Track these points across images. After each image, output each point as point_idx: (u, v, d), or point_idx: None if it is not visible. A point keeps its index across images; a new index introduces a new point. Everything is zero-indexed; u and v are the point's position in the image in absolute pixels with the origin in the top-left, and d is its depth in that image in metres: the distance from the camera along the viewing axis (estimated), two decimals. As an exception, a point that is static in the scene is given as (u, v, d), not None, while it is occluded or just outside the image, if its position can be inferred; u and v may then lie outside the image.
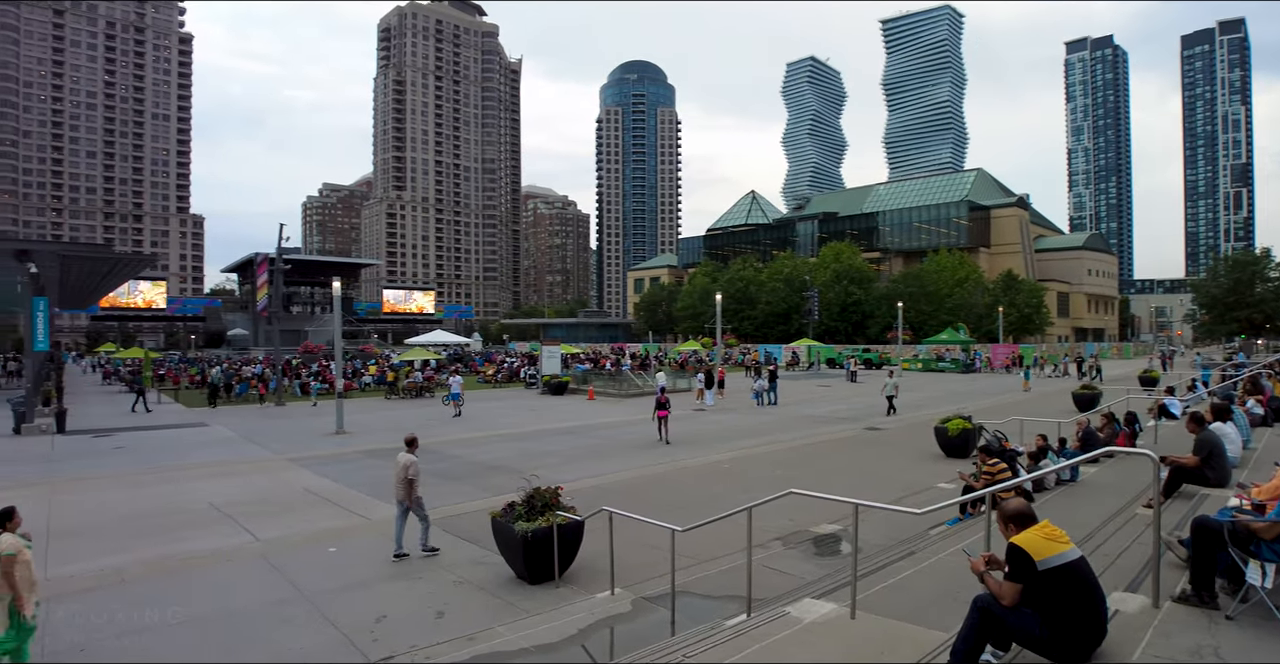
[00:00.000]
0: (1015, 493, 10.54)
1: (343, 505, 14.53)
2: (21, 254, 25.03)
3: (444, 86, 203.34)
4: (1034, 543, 4.30)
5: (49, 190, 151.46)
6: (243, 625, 8.32)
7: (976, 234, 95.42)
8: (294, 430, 26.62)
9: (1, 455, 20.81)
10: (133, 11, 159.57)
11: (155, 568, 10.63)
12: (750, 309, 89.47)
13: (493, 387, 45.46)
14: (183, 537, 12.32)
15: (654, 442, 21.40)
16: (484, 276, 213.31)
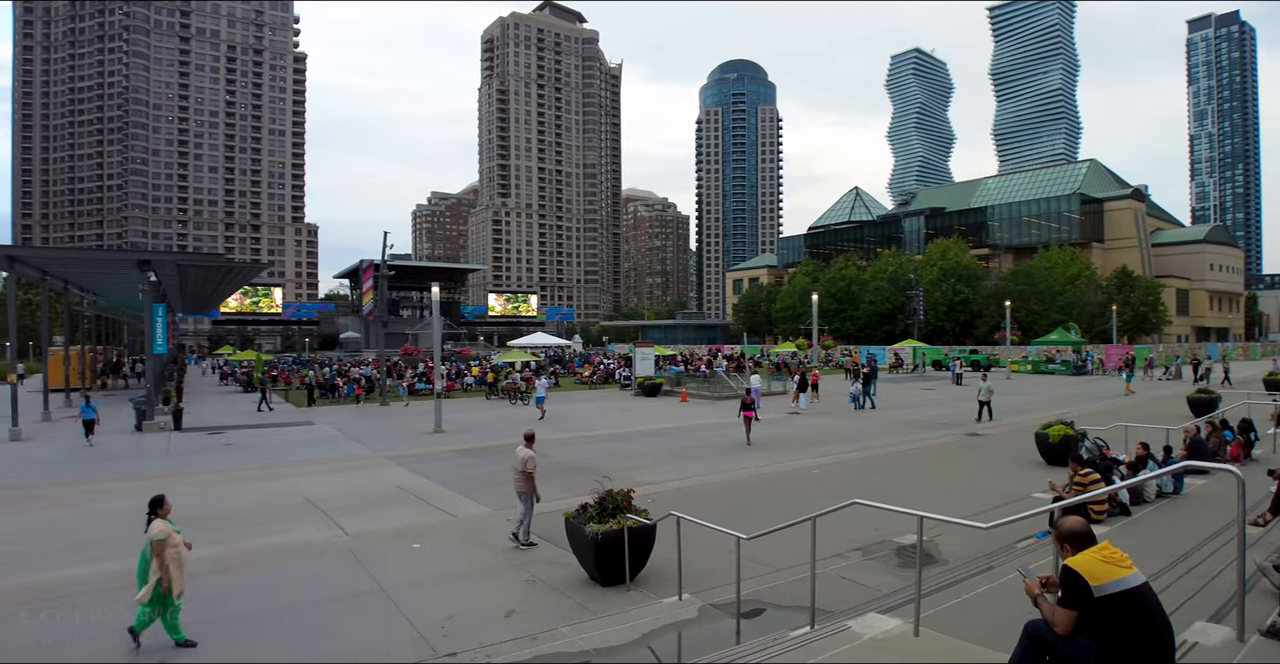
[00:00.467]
0: (1110, 506, 9.95)
1: (431, 502, 14.90)
2: (143, 263, 26.81)
3: (546, 94, 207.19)
4: (1090, 566, 3.94)
5: (175, 204, 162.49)
6: (321, 617, 8.61)
7: (1089, 228, 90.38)
8: (395, 429, 27.50)
9: (123, 451, 22.37)
10: (251, 35, 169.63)
11: (249, 559, 11.18)
12: (853, 309, 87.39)
13: (589, 388, 46.00)
14: (278, 530, 12.93)
15: (743, 444, 21.19)
16: (585, 280, 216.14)
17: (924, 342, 66.94)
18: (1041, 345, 57.56)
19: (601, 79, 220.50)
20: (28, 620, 8.52)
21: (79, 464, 19.73)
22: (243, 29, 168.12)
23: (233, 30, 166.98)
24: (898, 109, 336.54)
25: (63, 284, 33.20)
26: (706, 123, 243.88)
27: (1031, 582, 4.35)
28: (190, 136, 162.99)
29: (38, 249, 64.37)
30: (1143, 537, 9.02)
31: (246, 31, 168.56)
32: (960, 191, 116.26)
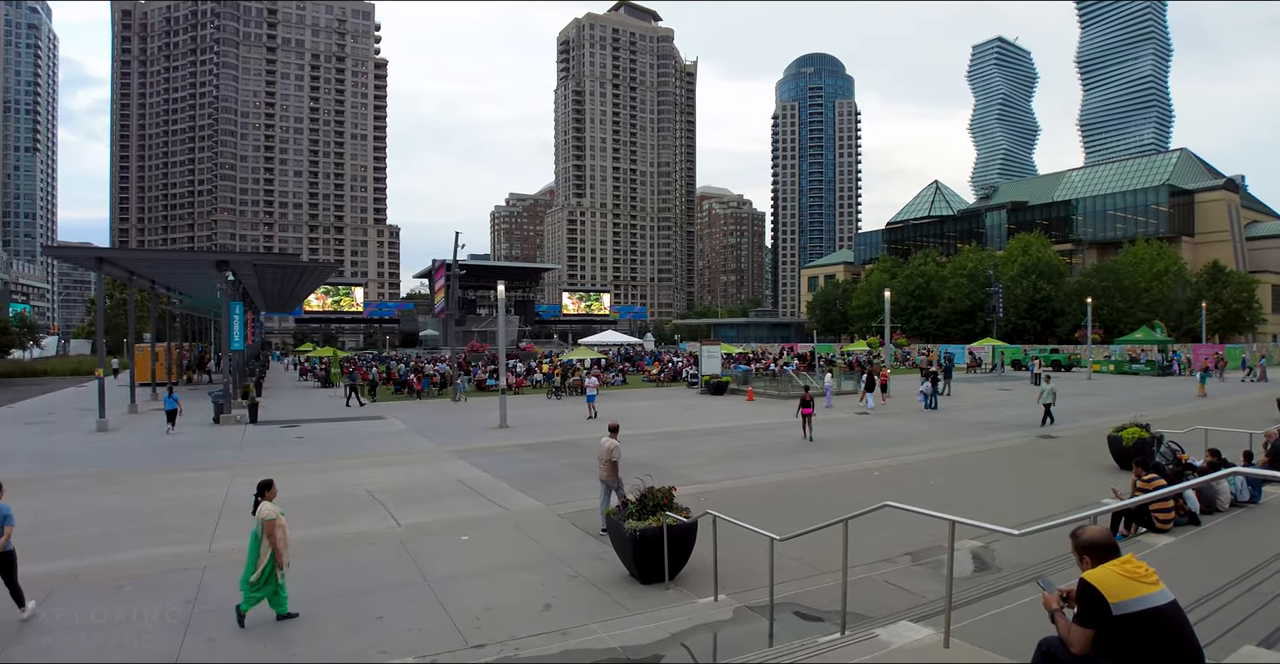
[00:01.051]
0: (1177, 515, 9.34)
1: (487, 496, 15.05)
2: (221, 264, 27.93)
3: (621, 94, 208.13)
4: (1109, 580, 3.58)
5: (262, 207, 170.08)
6: (366, 605, 8.77)
7: (1178, 221, 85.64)
8: (461, 424, 27.94)
9: (200, 442, 23.33)
10: (334, 44, 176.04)
11: (306, 548, 11.35)
12: (931, 307, 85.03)
13: (656, 386, 46.01)
14: (337, 520, 13.28)
15: (803, 445, 20.82)
16: (658, 278, 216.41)
17: (1004, 340, 64.59)
18: (1125, 344, 54.96)
19: (676, 77, 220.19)
20: (109, 596, 9.16)
21: (157, 454, 20.61)
22: (326, 38, 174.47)
23: (316, 39, 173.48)
24: (980, 100, 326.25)
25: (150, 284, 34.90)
26: (783, 118, 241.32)
27: (1051, 595, 4.01)
28: (276, 142, 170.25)
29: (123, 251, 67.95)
30: (1210, 548, 8.45)
31: (330, 40, 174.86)
32: (1043, 185, 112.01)
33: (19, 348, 70.81)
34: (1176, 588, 6.50)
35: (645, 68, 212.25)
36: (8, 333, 61.38)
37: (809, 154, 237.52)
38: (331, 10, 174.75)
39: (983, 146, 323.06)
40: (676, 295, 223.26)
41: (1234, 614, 5.37)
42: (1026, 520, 10.58)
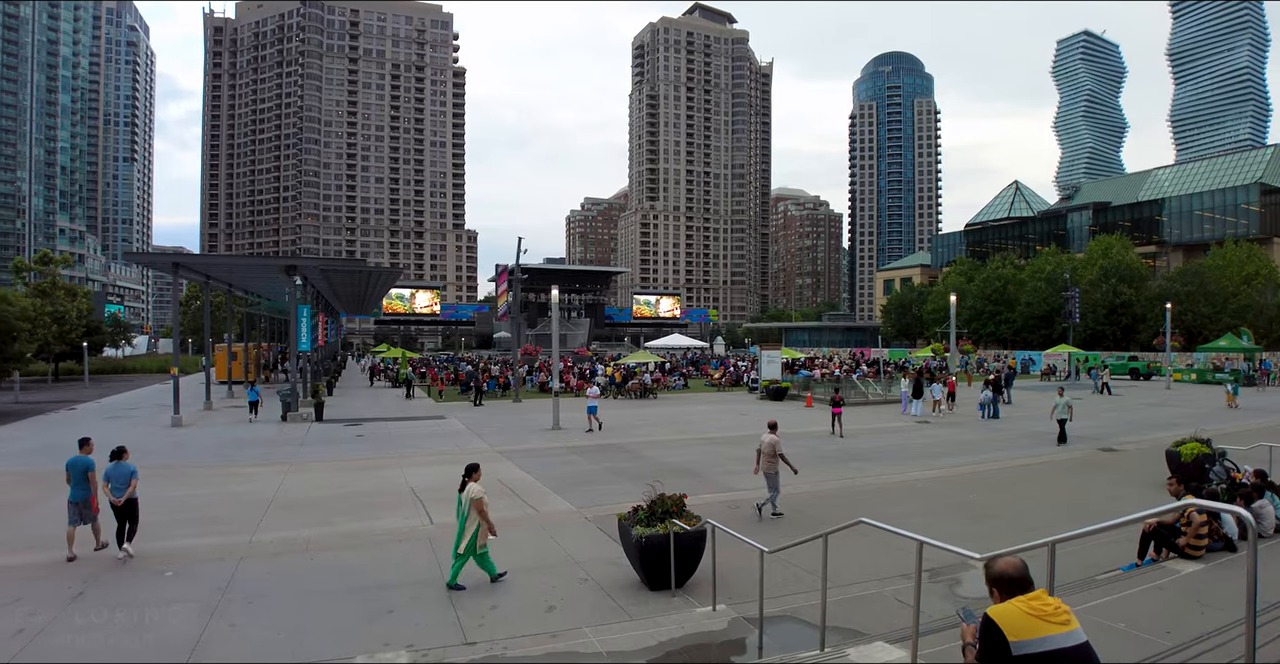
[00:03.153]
0: (1211, 540, 8.83)
1: (522, 497, 15.32)
2: (290, 268, 29.05)
3: (695, 97, 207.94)
4: (1011, 617, 3.36)
5: (344, 213, 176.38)
6: (382, 598, 9.13)
7: (1271, 222, 79.89)
8: (516, 425, 28.37)
9: (266, 439, 24.37)
10: (414, 53, 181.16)
11: (341, 541, 12.02)
12: (1008, 312, 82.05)
13: (717, 390, 45.72)
14: (376, 516, 13.79)
15: (851, 453, 20.48)
16: (731, 281, 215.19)
17: (1081, 347, 61.96)
18: (1208, 352, 52.03)
19: (751, 79, 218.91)
20: (152, 580, 9.88)
21: (222, 450, 21.56)
22: (405, 47, 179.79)
23: (396, 49, 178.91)
24: (1065, 97, 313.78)
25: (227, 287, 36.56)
26: (860, 118, 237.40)
27: (969, 626, 3.86)
28: (358, 150, 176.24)
29: (198, 256, 71.21)
30: (1236, 578, 7.94)
31: (409, 50, 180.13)
32: (1128, 184, 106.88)
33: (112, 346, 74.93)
34: (1183, 619, 6.22)
35: (720, 70, 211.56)
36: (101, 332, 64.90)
37: (887, 154, 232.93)
38: (411, 21, 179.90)
39: (1068, 145, 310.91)
40: (750, 298, 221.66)
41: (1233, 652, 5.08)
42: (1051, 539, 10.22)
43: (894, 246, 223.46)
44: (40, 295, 52.76)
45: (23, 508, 14.45)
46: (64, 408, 33.44)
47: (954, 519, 12.96)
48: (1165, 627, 6.26)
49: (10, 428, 27.13)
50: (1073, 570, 9.18)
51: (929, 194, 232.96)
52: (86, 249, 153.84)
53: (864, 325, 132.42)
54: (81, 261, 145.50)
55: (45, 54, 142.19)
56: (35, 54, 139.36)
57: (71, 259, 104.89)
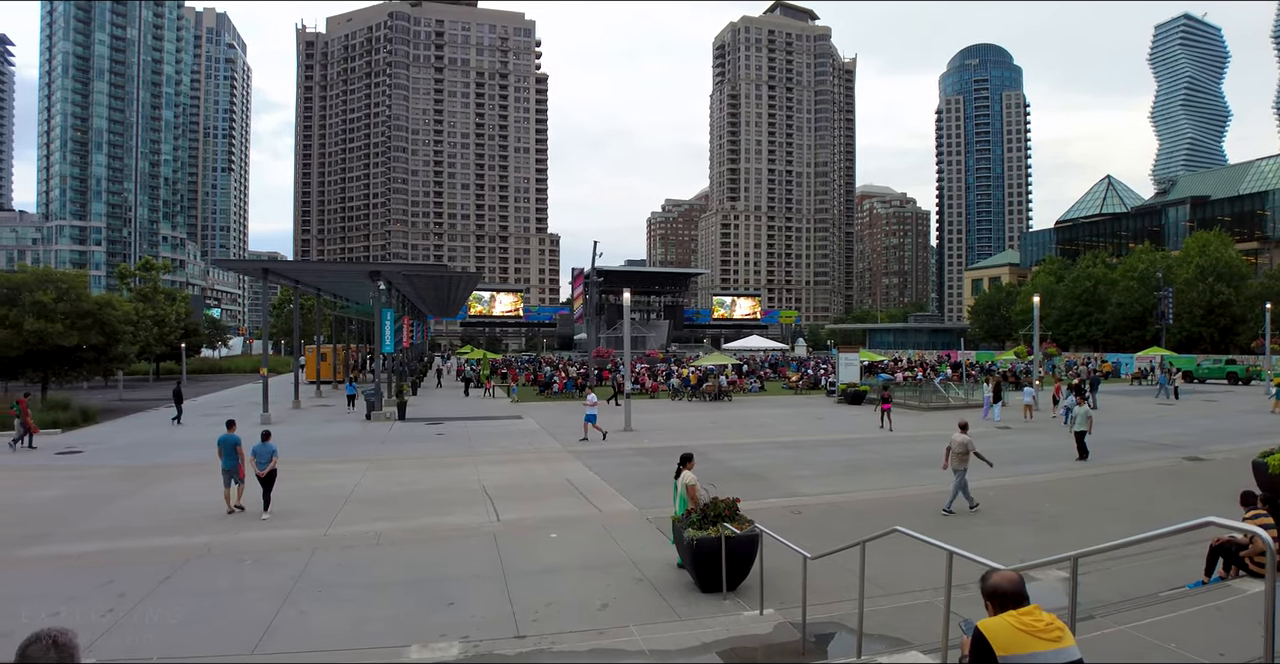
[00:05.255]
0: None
1: (587, 496, 15.64)
2: (374, 273, 30.22)
3: (777, 95, 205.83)
4: (1002, 631, 3.38)
5: (431, 218, 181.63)
6: (443, 591, 9.53)
7: None
8: (588, 427, 28.71)
9: (348, 436, 25.49)
10: (497, 61, 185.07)
11: (410, 535, 12.54)
12: (1099, 312, 78.11)
13: (794, 393, 45.27)
14: (446, 512, 14.33)
15: (925, 460, 20.06)
16: (815, 281, 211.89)
17: (1176, 350, 58.65)
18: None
19: (834, 75, 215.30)
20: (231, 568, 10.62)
21: (307, 447, 22.60)
22: (489, 56, 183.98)
23: (480, 58, 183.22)
24: (1163, 85, 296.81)
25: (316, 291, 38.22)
26: (947, 113, 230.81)
27: (967, 639, 3.90)
28: (444, 157, 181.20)
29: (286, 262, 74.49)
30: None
31: (493, 58, 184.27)
32: (1229, 176, 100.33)
33: (209, 347, 79.05)
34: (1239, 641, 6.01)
35: (802, 68, 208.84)
36: (199, 334, 68.47)
37: (975, 149, 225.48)
38: (494, 29, 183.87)
39: (1165, 135, 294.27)
40: (834, 299, 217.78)
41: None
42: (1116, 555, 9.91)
43: (983, 245, 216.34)
44: (142, 300, 55.81)
45: (117, 498, 15.58)
46: (163, 405, 35.51)
47: (1022, 529, 12.65)
48: (1219, 648, 6.07)
49: (113, 424, 29.07)
50: (1139, 585, 8.95)
51: (1019, 190, 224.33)
52: (187, 255, 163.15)
53: (951, 327, 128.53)
54: (182, 267, 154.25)
55: (150, 73, 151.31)
56: (141, 73, 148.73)
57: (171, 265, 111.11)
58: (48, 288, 33.99)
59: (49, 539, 12.30)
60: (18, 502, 15.34)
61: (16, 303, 33.49)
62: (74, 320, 34.36)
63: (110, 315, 36.53)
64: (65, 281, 35.72)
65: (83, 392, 41.35)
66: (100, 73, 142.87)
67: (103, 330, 36.05)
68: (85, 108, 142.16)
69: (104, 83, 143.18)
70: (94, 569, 10.38)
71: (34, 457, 21.37)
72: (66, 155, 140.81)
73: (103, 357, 37.94)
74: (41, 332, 32.89)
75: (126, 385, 46.10)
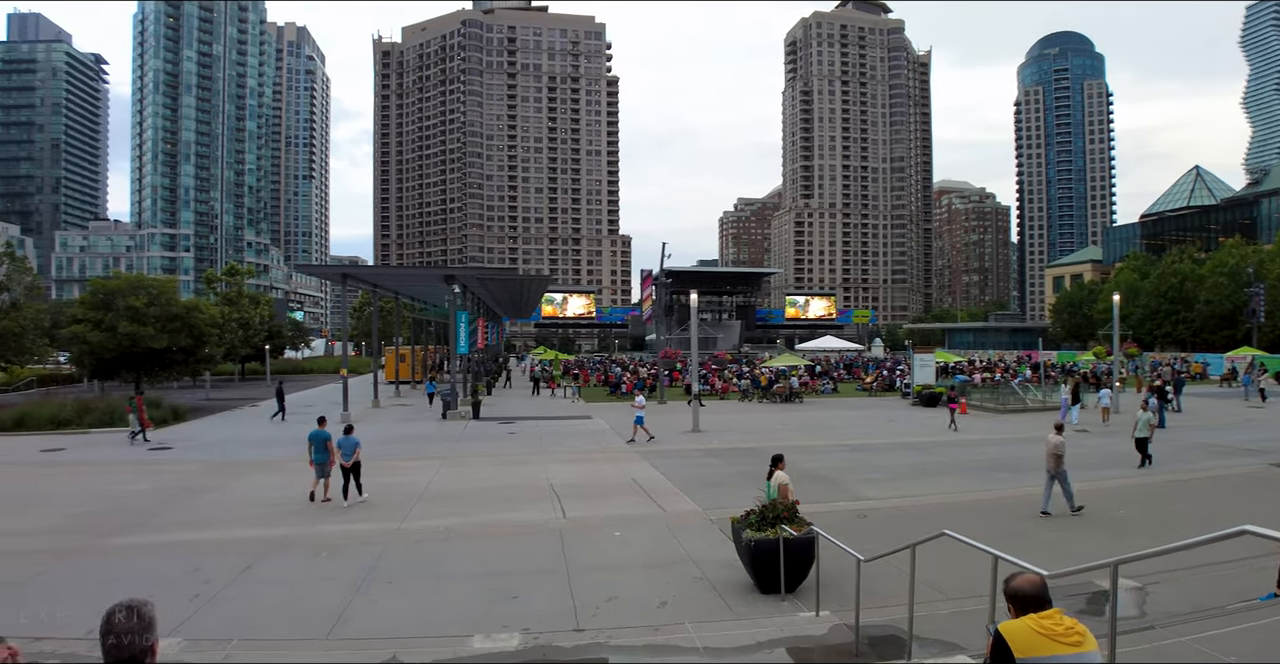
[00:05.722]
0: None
1: (652, 496, 15.79)
2: (449, 277, 31.09)
3: (850, 90, 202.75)
4: (1021, 634, 3.40)
5: (506, 222, 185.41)
6: (508, 585, 9.84)
7: None
8: (658, 426, 28.68)
9: (425, 435, 26.33)
10: (569, 65, 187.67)
11: (478, 531, 12.96)
12: (1186, 310, 74.42)
13: (868, 395, 44.57)
14: (514, 508, 14.71)
15: (999, 464, 19.67)
16: (892, 279, 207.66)
17: (1268, 350, 55.09)
18: None
19: (909, 69, 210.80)
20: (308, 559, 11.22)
21: (385, 445, 23.32)
22: (561, 60, 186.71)
23: (552, 62, 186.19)
24: (1255, 69, 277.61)
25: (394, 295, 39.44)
26: (1026, 104, 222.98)
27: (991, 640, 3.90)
28: (518, 161, 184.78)
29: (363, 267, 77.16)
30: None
31: (564, 62, 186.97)
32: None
33: (292, 349, 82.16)
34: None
35: (875, 62, 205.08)
36: (282, 336, 71.15)
37: (1056, 142, 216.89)
38: (565, 34, 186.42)
39: (1259, 122, 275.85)
40: (912, 297, 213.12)
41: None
42: (1192, 564, 9.62)
43: (1065, 241, 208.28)
44: (228, 303, 58.30)
45: (203, 493, 16.46)
46: (247, 405, 37.18)
47: (1095, 536, 12.27)
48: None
49: (200, 423, 30.58)
50: (1213, 597, 8.67)
51: (1102, 183, 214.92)
52: (271, 260, 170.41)
53: (1032, 326, 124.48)
54: (266, 272, 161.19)
55: (234, 86, 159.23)
56: (226, 87, 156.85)
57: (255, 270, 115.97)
58: (140, 293, 36.02)
59: (140, 529, 13.12)
60: (111, 494, 16.36)
61: (111, 307, 35.61)
62: (164, 324, 36.32)
63: (197, 319, 38.47)
64: (156, 287, 37.79)
65: (172, 391, 43.48)
66: (188, 88, 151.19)
67: (190, 333, 37.98)
68: (174, 121, 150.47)
69: (191, 97, 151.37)
70: (181, 558, 11.05)
71: (127, 452, 22.72)
72: (157, 167, 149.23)
73: (191, 358, 39.92)
74: (134, 334, 34.88)
75: (213, 385, 48.27)
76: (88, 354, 36.78)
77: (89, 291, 38.69)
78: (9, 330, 35.62)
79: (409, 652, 7.48)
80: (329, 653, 7.48)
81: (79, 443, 24.57)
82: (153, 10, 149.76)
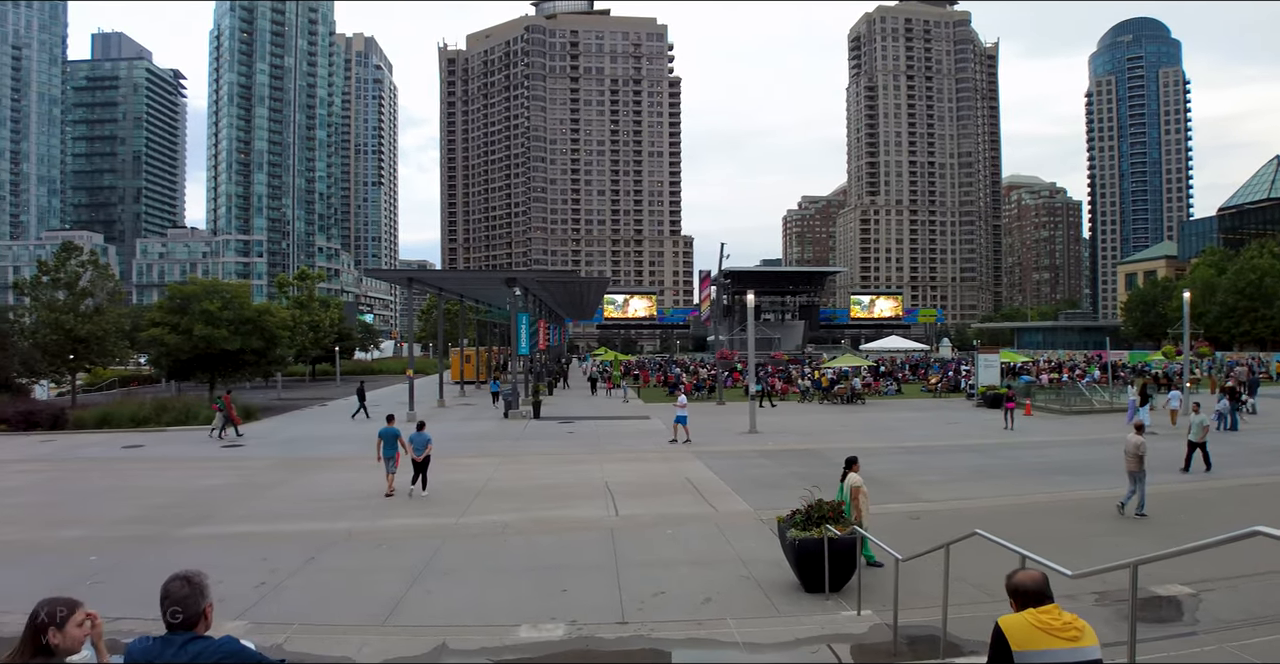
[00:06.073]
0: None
1: (704, 495, 15.96)
2: (510, 281, 31.79)
3: (916, 85, 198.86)
4: (1019, 628, 3.49)
5: (569, 224, 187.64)
6: (556, 579, 10.15)
7: None
8: (715, 427, 29.00)
9: (488, 433, 27.11)
10: (631, 67, 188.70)
11: (533, 526, 13.36)
12: (1265, 308, 70.86)
13: (933, 396, 43.83)
14: (569, 505, 15.12)
15: (1059, 466, 19.29)
16: (961, 277, 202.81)
17: None
18: None
19: (975, 61, 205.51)
20: (370, 551, 11.77)
21: (448, 442, 23.80)
22: (623, 63, 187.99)
23: (614, 65, 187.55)
24: None
25: (458, 297, 40.40)
26: (1097, 95, 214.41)
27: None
28: (581, 164, 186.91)
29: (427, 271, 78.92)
30: None
31: (626, 64, 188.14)
32: None
33: (362, 350, 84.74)
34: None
35: (941, 55, 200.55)
36: (351, 338, 73.30)
37: (1129, 133, 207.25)
38: (628, 36, 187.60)
39: None
40: (981, 296, 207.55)
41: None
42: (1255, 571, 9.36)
43: (1139, 236, 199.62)
44: (299, 307, 60.32)
45: (272, 487, 17.32)
46: (316, 404, 38.53)
47: (1143, 542, 11.99)
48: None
49: (271, 421, 31.88)
50: (1265, 606, 8.49)
51: (1177, 176, 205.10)
52: (342, 265, 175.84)
53: (1104, 325, 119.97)
54: (337, 276, 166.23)
55: (305, 97, 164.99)
56: (297, 98, 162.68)
57: (326, 274, 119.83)
58: (214, 298, 37.69)
59: (211, 521, 13.93)
60: (186, 488, 17.36)
61: (187, 312, 37.33)
62: (237, 326, 37.97)
63: (269, 322, 40.06)
64: (229, 292, 39.51)
65: (245, 391, 45.18)
66: (261, 99, 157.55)
67: (262, 335, 39.56)
68: (248, 132, 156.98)
69: (264, 108, 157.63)
70: (250, 548, 11.71)
71: (202, 448, 23.97)
72: (231, 176, 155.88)
73: (262, 359, 41.52)
74: (208, 337, 36.56)
75: (284, 386, 50.00)
76: (165, 356, 38.69)
77: (166, 296, 40.73)
78: (93, 334, 37.77)
79: (457, 639, 7.82)
80: (383, 638, 7.86)
81: (157, 440, 25.99)
82: (228, 26, 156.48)
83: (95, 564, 10.74)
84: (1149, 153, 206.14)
